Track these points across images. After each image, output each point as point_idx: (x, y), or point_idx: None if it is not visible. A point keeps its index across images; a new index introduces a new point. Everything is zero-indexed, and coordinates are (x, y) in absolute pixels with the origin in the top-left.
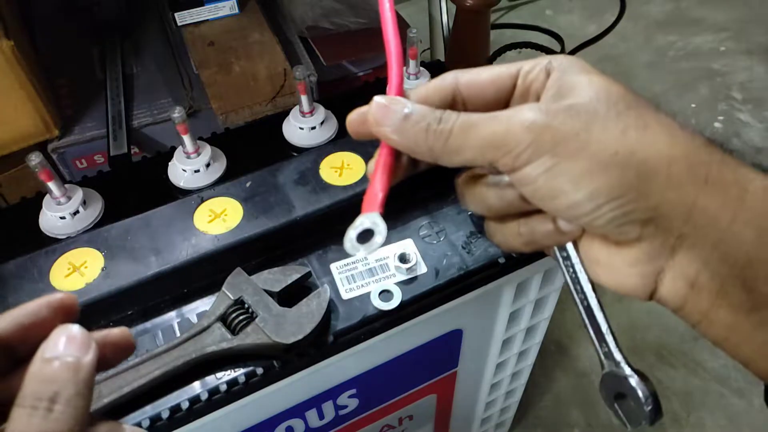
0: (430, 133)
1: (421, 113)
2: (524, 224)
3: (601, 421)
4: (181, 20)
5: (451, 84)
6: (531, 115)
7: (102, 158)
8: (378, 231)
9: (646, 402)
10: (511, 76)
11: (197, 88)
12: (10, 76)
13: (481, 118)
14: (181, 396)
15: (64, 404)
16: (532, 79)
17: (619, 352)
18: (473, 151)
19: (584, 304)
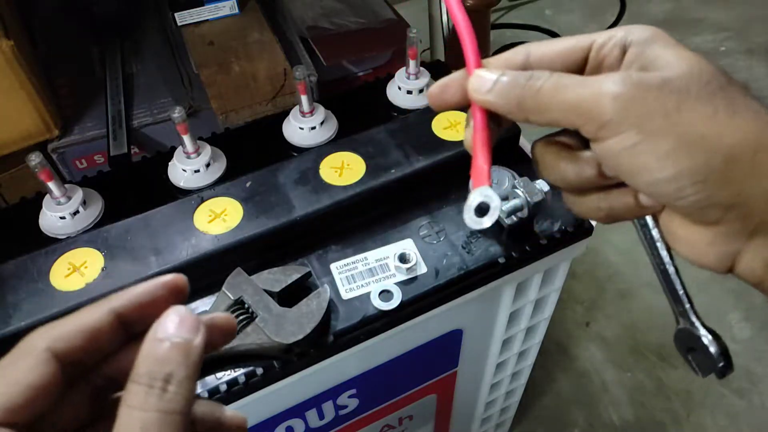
0: (520, 88)
1: (512, 74)
2: (604, 199)
3: (602, 421)
4: (181, 20)
5: (523, 57)
6: (620, 86)
7: (102, 158)
8: (492, 203)
9: (718, 359)
10: (583, 49)
11: (197, 88)
12: (10, 76)
13: (572, 81)
14: None
15: (177, 385)
16: (606, 54)
17: (694, 312)
18: (559, 112)
19: (661, 268)
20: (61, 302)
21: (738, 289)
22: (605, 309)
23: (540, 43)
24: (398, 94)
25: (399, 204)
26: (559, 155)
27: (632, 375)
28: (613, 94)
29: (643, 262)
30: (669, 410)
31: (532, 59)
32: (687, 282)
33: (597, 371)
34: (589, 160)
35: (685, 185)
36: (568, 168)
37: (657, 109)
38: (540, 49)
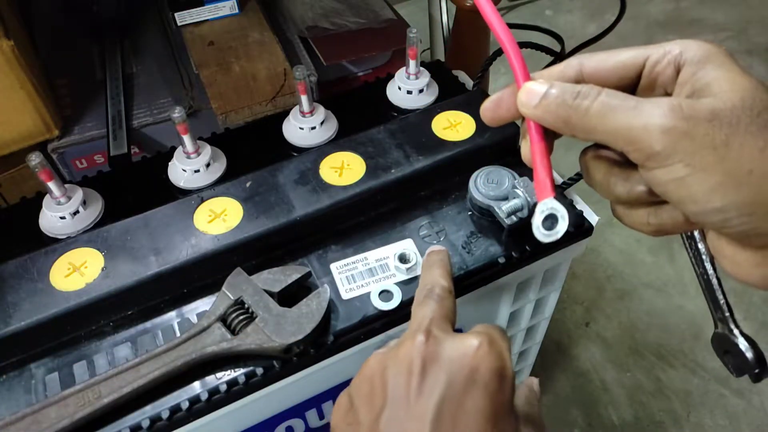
0: (566, 107)
1: (560, 87)
2: (653, 214)
3: (601, 421)
4: (181, 20)
5: (576, 70)
6: (670, 119)
7: (102, 158)
8: (559, 214)
9: (754, 365)
10: (638, 65)
11: (197, 88)
12: (10, 76)
13: (621, 106)
14: (181, 396)
15: None
16: (659, 72)
17: (733, 320)
18: (606, 135)
19: (704, 278)
20: (61, 302)
21: (738, 289)
22: (605, 309)
23: (593, 56)
24: (398, 94)
25: (399, 204)
26: (609, 171)
27: (632, 375)
28: (662, 128)
29: (643, 262)
30: (669, 410)
31: (586, 73)
32: (687, 282)
33: (596, 371)
34: (639, 178)
35: (731, 217)
36: (618, 184)
37: (706, 144)
38: (593, 63)
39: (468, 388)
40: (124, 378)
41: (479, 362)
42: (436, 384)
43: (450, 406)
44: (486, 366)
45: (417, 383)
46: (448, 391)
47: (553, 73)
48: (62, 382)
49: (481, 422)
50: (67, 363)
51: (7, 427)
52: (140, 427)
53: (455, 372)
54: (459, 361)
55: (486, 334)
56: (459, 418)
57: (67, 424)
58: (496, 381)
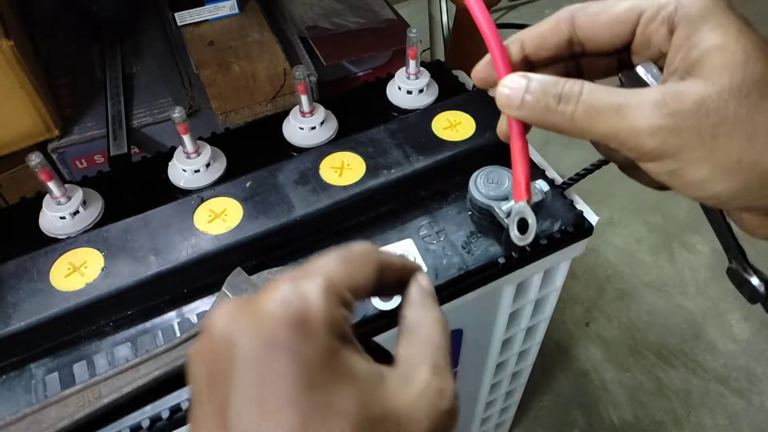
0: (552, 113)
1: (542, 87)
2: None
3: (601, 421)
4: (181, 20)
5: (567, 27)
6: (655, 119)
7: (102, 158)
8: (529, 221)
9: (764, 297)
10: (631, 22)
11: (197, 88)
12: (10, 76)
13: (605, 108)
14: (181, 396)
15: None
16: (653, 31)
17: (744, 259)
18: (597, 137)
19: (715, 222)
20: (61, 302)
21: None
22: (605, 309)
23: (586, 7)
24: (398, 94)
25: (399, 204)
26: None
27: (632, 375)
28: (649, 129)
29: (643, 262)
30: (669, 410)
31: (578, 30)
32: (687, 282)
33: (597, 371)
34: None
35: (726, 200)
36: (614, 151)
37: (693, 139)
38: (585, 18)
39: (263, 356)
40: (124, 378)
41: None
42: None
43: (247, 390)
44: (274, 321)
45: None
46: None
47: (545, 32)
48: (62, 382)
49: (291, 390)
50: (67, 363)
51: (7, 427)
52: (140, 427)
53: (248, 342)
54: (253, 325)
55: (289, 278)
56: (264, 399)
57: (67, 424)
58: (295, 334)
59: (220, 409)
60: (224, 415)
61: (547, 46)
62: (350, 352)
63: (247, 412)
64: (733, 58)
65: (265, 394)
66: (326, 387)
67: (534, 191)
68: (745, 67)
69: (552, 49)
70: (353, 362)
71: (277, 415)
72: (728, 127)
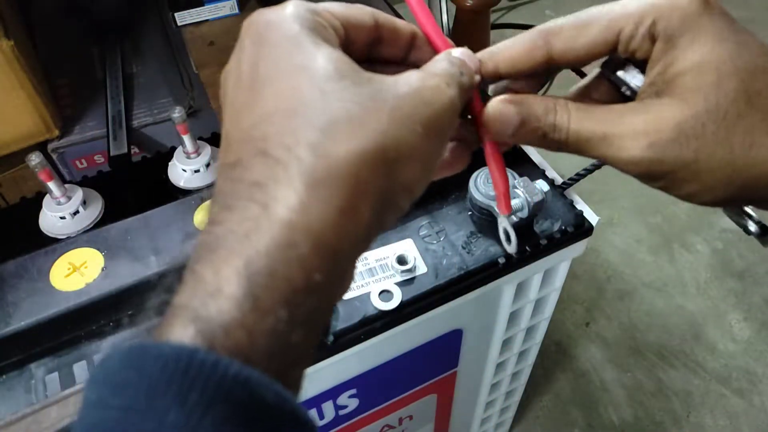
0: (546, 140)
1: (534, 118)
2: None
3: (601, 421)
4: (181, 20)
5: (542, 53)
6: (637, 151)
7: (102, 158)
8: (511, 236)
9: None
10: (610, 43)
11: (197, 88)
12: (10, 76)
13: (592, 137)
14: None
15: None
16: (635, 49)
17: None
18: (590, 157)
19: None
20: (61, 302)
21: (738, 289)
22: (605, 309)
23: (560, 32)
24: None
25: None
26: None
27: (632, 375)
28: (632, 160)
29: (643, 262)
30: (669, 410)
31: (556, 55)
32: (687, 282)
33: (596, 371)
34: None
35: (713, 205)
36: None
37: (677, 164)
38: (561, 44)
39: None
40: None
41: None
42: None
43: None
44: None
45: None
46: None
47: (517, 55)
48: (62, 382)
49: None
50: (67, 363)
51: (7, 427)
52: None
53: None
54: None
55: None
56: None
57: (67, 424)
58: (267, 24)
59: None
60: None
61: (522, 68)
62: (323, 41)
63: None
64: (707, 79)
65: (257, 69)
66: (292, 54)
67: (534, 191)
68: (718, 87)
69: (527, 70)
70: (325, 44)
71: (248, 86)
72: (708, 149)
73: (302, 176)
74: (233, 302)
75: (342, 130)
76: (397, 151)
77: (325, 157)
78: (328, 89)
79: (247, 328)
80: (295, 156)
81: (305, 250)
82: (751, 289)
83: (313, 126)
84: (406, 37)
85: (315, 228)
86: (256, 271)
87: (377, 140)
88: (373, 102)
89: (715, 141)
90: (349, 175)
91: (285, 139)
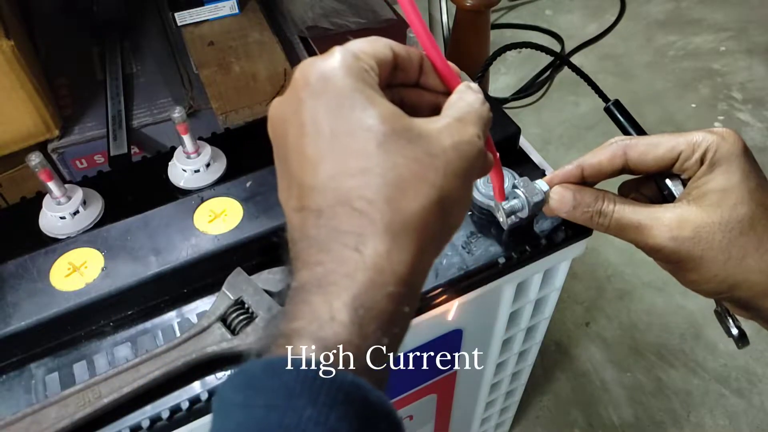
0: (593, 222)
1: (584, 205)
2: None
3: (601, 421)
4: (181, 20)
5: (622, 160)
6: (661, 241)
7: (102, 158)
8: (498, 214)
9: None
10: (672, 160)
11: (197, 88)
12: (10, 76)
13: (629, 224)
14: (181, 396)
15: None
16: (687, 168)
17: (729, 314)
18: (625, 240)
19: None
20: (61, 302)
21: None
22: (605, 309)
23: (637, 145)
24: None
25: None
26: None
27: (632, 375)
28: (656, 247)
29: (643, 262)
30: (669, 410)
31: (630, 163)
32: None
33: (597, 371)
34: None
35: (708, 295)
36: None
37: (687, 260)
38: (636, 155)
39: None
40: (124, 378)
41: (302, 69)
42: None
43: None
44: (299, 80)
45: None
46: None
47: (603, 163)
48: (62, 382)
49: (321, 118)
50: (67, 363)
51: (7, 427)
52: (140, 427)
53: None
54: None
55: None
56: (302, 135)
57: (67, 424)
58: (318, 81)
59: (285, 158)
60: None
61: (603, 172)
62: (374, 92)
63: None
64: (728, 201)
65: (304, 132)
66: (352, 109)
67: (534, 191)
68: (733, 209)
69: (606, 175)
70: (377, 96)
71: (314, 139)
72: (712, 252)
73: (385, 228)
74: (344, 328)
75: (410, 187)
76: (450, 199)
77: (400, 211)
78: (391, 149)
79: (354, 346)
80: (377, 209)
81: (393, 289)
82: None
83: (386, 183)
84: (417, 63)
85: (398, 270)
86: (360, 305)
87: (437, 194)
88: (429, 159)
89: (720, 247)
90: (421, 225)
91: (365, 194)
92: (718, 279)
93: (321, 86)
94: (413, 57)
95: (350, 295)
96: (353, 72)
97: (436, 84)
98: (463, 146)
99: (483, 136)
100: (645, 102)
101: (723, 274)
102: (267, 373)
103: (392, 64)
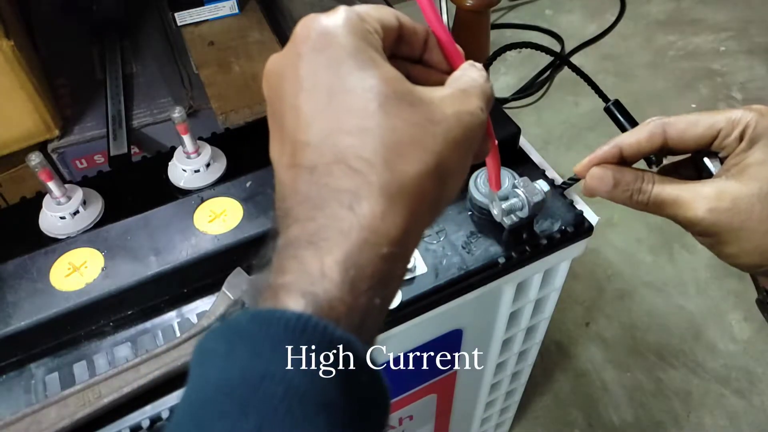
0: (632, 200)
1: (624, 183)
2: None
3: (601, 421)
4: (181, 20)
5: (660, 139)
6: (700, 213)
7: (102, 158)
8: (494, 207)
9: None
10: (711, 137)
11: (197, 88)
12: (10, 76)
13: (669, 199)
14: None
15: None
16: (727, 144)
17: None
18: (663, 216)
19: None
20: (61, 302)
21: (738, 290)
22: (605, 309)
23: (677, 123)
24: None
25: None
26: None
27: (632, 375)
28: (695, 219)
29: (643, 262)
30: (669, 410)
31: (670, 141)
32: (687, 282)
33: (596, 371)
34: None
35: (748, 269)
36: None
37: (726, 231)
38: (676, 133)
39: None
40: (124, 378)
41: (302, 27)
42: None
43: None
44: (300, 37)
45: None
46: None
47: (642, 141)
48: (62, 382)
49: (322, 77)
50: (67, 363)
51: (7, 427)
52: (140, 427)
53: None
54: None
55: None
56: (299, 92)
57: (67, 424)
58: (320, 37)
59: (279, 114)
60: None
61: (642, 151)
62: (377, 53)
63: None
64: (766, 173)
65: (303, 88)
66: (354, 68)
67: (534, 191)
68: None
69: (645, 153)
70: (379, 58)
71: (312, 95)
72: (753, 223)
73: (381, 189)
74: (335, 285)
75: (408, 151)
76: (448, 168)
77: (398, 173)
78: (392, 111)
79: (346, 305)
80: (374, 170)
81: (386, 250)
82: (751, 289)
83: (385, 145)
84: (422, 37)
85: (392, 234)
86: (352, 265)
87: (435, 161)
88: (430, 125)
89: (759, 218)
90: (417, 190)
91: (362, 153)
92: (759, 251)
93: (322, 42)
94: (419, 31)
95: (343, 253)
96: (357, 31)
97: (440, 62)
98: (465, 116)
99: (485, 110)
100: (645, 102)
101: (764, 245)
102: (253, 324)
103: (397, 32)
